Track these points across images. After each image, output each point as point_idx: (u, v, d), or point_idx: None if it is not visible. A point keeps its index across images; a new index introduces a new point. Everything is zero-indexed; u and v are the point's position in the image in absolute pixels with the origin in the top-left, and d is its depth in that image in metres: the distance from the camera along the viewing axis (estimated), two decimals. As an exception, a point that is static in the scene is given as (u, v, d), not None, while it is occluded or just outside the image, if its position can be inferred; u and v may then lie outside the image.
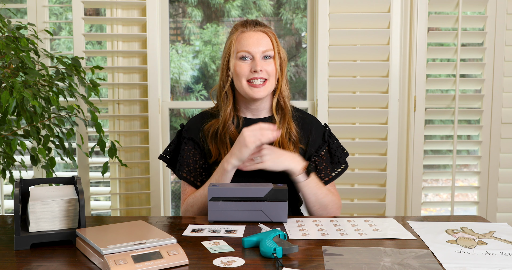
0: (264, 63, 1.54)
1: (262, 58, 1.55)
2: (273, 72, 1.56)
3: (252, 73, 1.53)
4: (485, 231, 1.30)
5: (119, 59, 2.42)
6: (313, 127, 1.66)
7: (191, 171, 1.59)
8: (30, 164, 2.09)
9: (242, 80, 1.54)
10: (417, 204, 2.43)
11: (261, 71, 1.53)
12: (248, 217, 1.36)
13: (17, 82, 1.73)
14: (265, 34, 1.56)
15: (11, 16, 2.44)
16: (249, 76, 1.54)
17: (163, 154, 1.68)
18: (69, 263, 1.09)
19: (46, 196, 1.25)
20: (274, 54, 1.56)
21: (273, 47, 1.56)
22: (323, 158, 1.64)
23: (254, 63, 1.53)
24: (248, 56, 1.54)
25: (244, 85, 1.55)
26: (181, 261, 1.05)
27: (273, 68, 1.55)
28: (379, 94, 2.37)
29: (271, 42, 1.56)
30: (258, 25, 1.58)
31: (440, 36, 2.40)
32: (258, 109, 1.62)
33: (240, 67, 1.54)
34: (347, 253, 1.13)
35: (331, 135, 1.68)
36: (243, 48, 1.54)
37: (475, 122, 2.53)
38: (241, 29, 1.57)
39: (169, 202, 2.52)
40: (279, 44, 1.59)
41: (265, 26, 1.59)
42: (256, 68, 1.52)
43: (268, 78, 1.55)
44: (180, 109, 3.43)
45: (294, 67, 3.35)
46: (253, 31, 1.56)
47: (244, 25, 1.58)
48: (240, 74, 1.54)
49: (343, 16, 2.34)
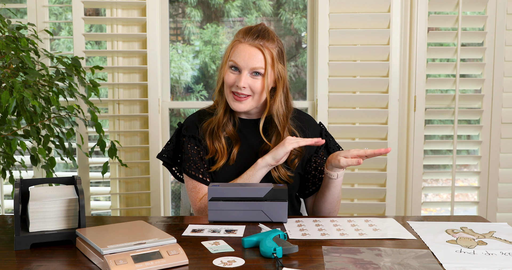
0: (251, 80, 1.52)
1: (250, 73, 1.52)
2: (258, 90, 1.52)
3: (235, 86, 1.52)
4: (485, 231, 1.30)
5: (119, 59, 2.42)
6: (310, 128, 1.66)
7: (199, 168, 1.59)
8: (30, 164, 2.09)
9: (227, 89, 1.55)
10: (417, 204, 2.43)
11: (244, 88, 1.51)
12: (248, 217, 1.36)
13: (17, 82, 1.73)
14: (260, 50, 1.51)
15: (11, 16, 2.44)
16: (233, 88, 1.53)
17: (162, 153, 1.68)
18: (69, 263, 1.09)
19: (46, 196, 1.25)
20: (265, 72, 1.51)
21: (264, 65, 1.51)
22: (323, 158, 1.64)
23: (239, 77, 1.51)
24: (237, 67, 1.53)
25: (229, 96, 1.55)
26: (181, 261, 1.05)
27: (259, 85, 1.52)
28: (379, 94, 2.37)
29: (263, 60, 1.51)
30: (259, 37, 1.52)
31: (440, 36, 2.40)
32: (249, 112, 1.62)
33: (228, 76, 1.54)
34: (347, 253, 1.13)
35: (327, 134, 1.68)
36: (234, 59, 1.52)
37: (475, 122, 2.53)
38: (240, 38, 1.53)
39: (169, 202, 2.52)
40: (275, 61, 1.53)
41: (268, 39, 1.53)
42: (239, 84, 1.50)
43: (253, 95, 1.53)
44: (180, 109, 3.43)
45: (294, 67, 3.35)
46: (249, 45, 1.51)
47: (246, 34, 1.53)
48: (226, 82, 1.55)
49: (343, 16, 2.34)
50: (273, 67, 1.53)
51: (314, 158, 1.63)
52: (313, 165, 1.63)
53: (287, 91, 1.59)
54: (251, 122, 1.62)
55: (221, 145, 1.57)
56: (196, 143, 1.61)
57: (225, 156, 1.57)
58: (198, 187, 1.59)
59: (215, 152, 1.58)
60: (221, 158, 1.57)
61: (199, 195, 1.58)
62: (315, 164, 1.63)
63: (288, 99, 1.59)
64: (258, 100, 1.55)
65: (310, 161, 1.63)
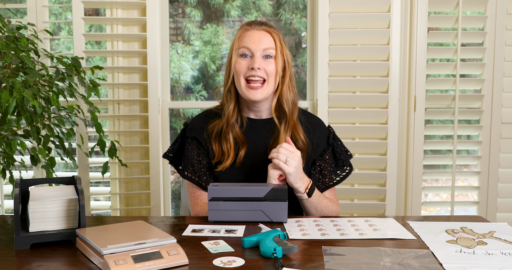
0: (264, 62, 1.52)
1: (262, 56, 1.52)
2: (272, 73, 1.52)
3: (250, 70, 1.51)
4: (485, 231, 1.30)
5: (119, 59, 2.42)
6: (318, 130, 1.64)
7: (195, 171, 1.58)
8: (30, 164, 2.09)
9: (240, 78, 1.53)
10: (417, 204, 2.43)
11: (259, 69, 1.50)
12: (248, 217, 1.36)
13: (17, 82, 1.73)
14: (268, 33, 1.54)
15: (11, 16, 2.44)
16: (247, 74, 1.51)
17: (167, 153, 1.67)
18: (69, 263, 1.09)
19: (46, 196, 1.25)
20: (276, 54, 1.53)
21: (275, 47, 1.53)
22: (328, 162, 1.62)
23: (252, 60, 1.51)
24: (248, 54, 1.53)
25: (243, 85, 1.52)
26: (181, 261, 1.05)
27: (273, 68, 1.52)
28: (379, 94, 2.37)
29: (273, 42, 1.53)
30: (263, 25, 1.56)
31: (440, 36, 2.40)
32: (259, 110, 1.60)
33: (239, 64, 1.53)
34: (347, 253, 1.13)
35: (335, 137, 1.66)
36: (243, 45, 1.52)
37: (475, 122, 2.53)
38: (246, 27, 1.56)
39: (169, 202, 2.52)
40: (283, 45, 1.56)
41: (272, 26, 1.57)
42: (254, 65, 1.49)
43: (267, 79, 1.52)
44: (180, 109, 3.43)
45: (294, 67, 3.34)
46: (256, 30, 1.54)
47: (250, 24, 1.57)
48: (238, 71, 1.53)
49: (343, 16, 2.34)
50: (282, 50, 1.55)
51: (319, 162, 1.61)
52: (317, 168, 1.61)
53: (293, 79, 1.60)
54: (259, 122, 1.60)
55: (229, 145, 1.55)
56: (197, 145, 1.60)
57: (231, 157, 1.55)
58: (198, 193, 1.58)
59: (221, 154, 1.56)
60: (228, 158, 1.55)
61: (197, 201, 1.58)
62: (319, 167, 1.61)
63: (294, 87, 1.60)
64: (273, 85, 1.54)
65: (315, 164, 1.61)
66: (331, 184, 1.61)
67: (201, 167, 1.58)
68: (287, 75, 1.57)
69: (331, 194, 1.63)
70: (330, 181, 1.61)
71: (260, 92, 1.52)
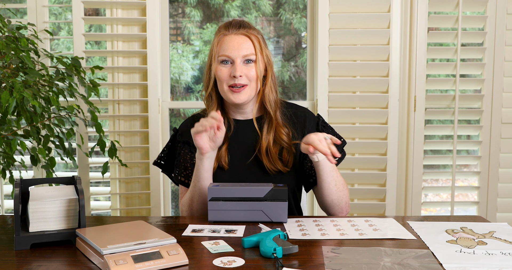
0: (245, 68, 1.52)
1: (243, 62, 1.52)
2: (253, 77, 1.53)
3: (232, 78, 1.51)
4: (485, 231, 1.30)
5: (119, 59, 2.42)
6: (307, 120, 1.64)
7: (189, 174, 1.59)
8: (30, 164, 2.09)
9: (223, 84, 1.53)
10: (417, 204, 2.43)
11: (240, 77, 1.50)
12: (248, 217, 1.36)
13: (17, 82, 1.73)
14: (247, 37, 1.53)
15: (11, 16, 2.44)
16: (229, 82, 1.52)
17: (158, 159, 1.68)
18: (69, 263, 1.09)
19: (46, 196, 1.25)
20: (256, 58, 1.53)
21: (255, 51, 1.52)
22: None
23: (233, 68, 1.51)
24: (228, 60, 1.53)
25: (226, 90, 1.53)
26: (181, 261, 1.05)
27: (254, 73, 1.52)
28: (379, 94, 2.37)
29: (253, 46, 1.52)
30: (241, 27, 1.54)
31: (440, 36, 2.40)
32: (245, 111, 1.61)
33: (221, 71, 1.53)
34: (347, 253, 1.13)
35: (325, 124, 1.66)
36: (223, 52, 1.52)
37: (475, 122, 2.53)
38: (224, 31, 1.55)
39: (169, 202, 2.52)
40: (263, 47, 1.55)
41: (250, 27, 1.56)
42: (235, 73, 1.50)
43: (249, 84, 1.53)
44: (180, 109, 3.43)
45: (294, 67, 3.35)
46: (235, 35, 1.53)
47: (227, 27, 1.55)
48: (221, 78, 1.53)
49: (343, 16, 2.34)
50: (262, 52, 1.54)
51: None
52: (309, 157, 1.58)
53: (274, 77, 1.60)
54: (246, 123, 1.61)
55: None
56: (189, 149, 1.60)
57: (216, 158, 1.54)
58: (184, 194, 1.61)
59: None
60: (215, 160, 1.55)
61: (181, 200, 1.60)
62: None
63: (276, 85, 1.61)
64: (255, 88, 1.55)
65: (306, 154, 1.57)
66: None
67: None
68: (269, 75, 1.57)
69: None
70: None
71: (243, 94, 1.53)
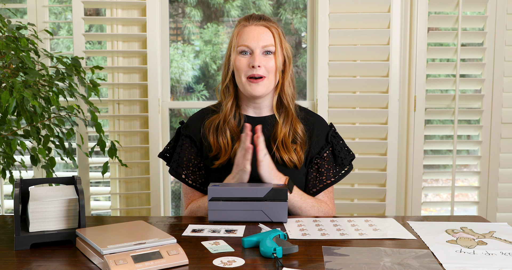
0: (264, 59, 1.51)
1: (262, 53, 1.51)
2: (272, 69, 1.52)
3: (251, 68, 1.50)
4: (485, 231, 1.30)
5: (119, 59, 2.42)
6: (315, 128, 1.61)
7: (183, 168, 1.58)
8: (30, 164, 2.09)
9: (241, 75, 1.52)
10: (417, 204, 2.43)
11: (259, 67, 1.49)
12: (248, 217, 1.36)
13: (17, 82, 1.73)
14: (267, 28, 1.53)
15: (11, 16, 2.43)
16: (248, 72, 1.50)
17: (164, 152, 1.66)
18: (69, 263, 1.09)
19: (46, 196, 1.25)
20: (276, 49, 1.52)
21: (274, 43, 1.52)
22: (326, 160, 1.59)
23: (253, 58, 1.50)
24: (247, 51, 1.52)
25: (244, 81, 1.52)
26: (181, 261, 1.05)
27: (273, 64, 1.51)
28: (379, 94, 2.37)
29: (272, 37, 1.52)
30: (262, 19, 1.54)
31: (440, 36, 2.40)
32: (260, 106, 1.59)
33: (239, 62, 1.52)
34: (347, 253, 1.13)
35: (335, 135, 1.63)
36: (243, 43, 1.51)
37: (475, 122, 2.53)
38: (244, 22, 1.55)
39: (169, 202, 2.52)
40: (283, 40, 1.55)
41: (270, 20, 1.55)
42: (254, 63, 1.49)
43: (267, 75, 1.51)
44: (180, 109, 3.43)
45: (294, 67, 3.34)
46: (255, 26, 1.53)
47: (248, 19, 1.55)
48: (239, 69, 1.52)
49: (343, 16, 2.34)
50: (281, 45, 1.54)
51: (317, 160, 1.59)
52: (314, 166, 1.59)
53: (293, 72, 1.60)
54: (261, 120, 1.59)
55: (226, 141, 1.54)
56: (190, 144, 1.59)
57: (228, 152, 1.54)
58: (191, 194, 1.60)
59: (219, 149, 1.55)
60: (225, 154, 1.54)
61: (187, 200, 1.60)
62: (317, 165, 1.59)
63: (294, 81, 1.60)
64: (273, 80, 1.54)
65: (312, 163, 1.59)
66: (328, 183, 1.58)
67: (190, 166, 1.58)
68: (288, 70, 1.56)
69: (325, 196, 1.60)
70: (327, 179, 1.58)
71: (261, 87, 1.51)
